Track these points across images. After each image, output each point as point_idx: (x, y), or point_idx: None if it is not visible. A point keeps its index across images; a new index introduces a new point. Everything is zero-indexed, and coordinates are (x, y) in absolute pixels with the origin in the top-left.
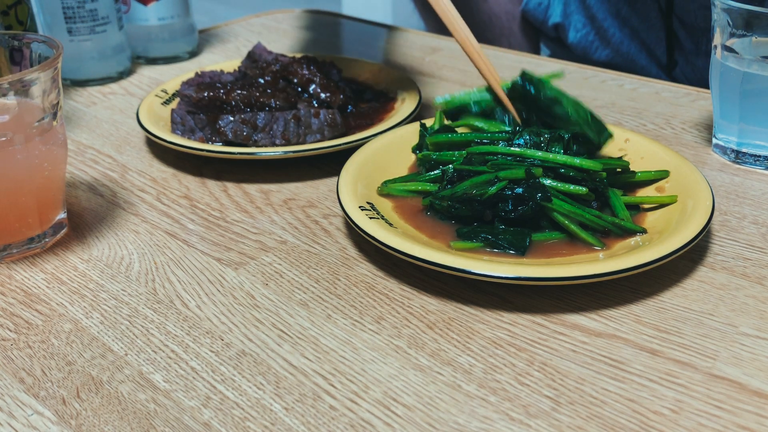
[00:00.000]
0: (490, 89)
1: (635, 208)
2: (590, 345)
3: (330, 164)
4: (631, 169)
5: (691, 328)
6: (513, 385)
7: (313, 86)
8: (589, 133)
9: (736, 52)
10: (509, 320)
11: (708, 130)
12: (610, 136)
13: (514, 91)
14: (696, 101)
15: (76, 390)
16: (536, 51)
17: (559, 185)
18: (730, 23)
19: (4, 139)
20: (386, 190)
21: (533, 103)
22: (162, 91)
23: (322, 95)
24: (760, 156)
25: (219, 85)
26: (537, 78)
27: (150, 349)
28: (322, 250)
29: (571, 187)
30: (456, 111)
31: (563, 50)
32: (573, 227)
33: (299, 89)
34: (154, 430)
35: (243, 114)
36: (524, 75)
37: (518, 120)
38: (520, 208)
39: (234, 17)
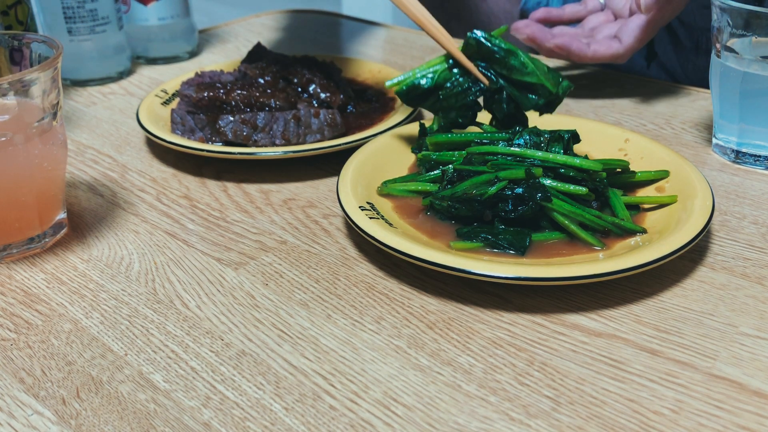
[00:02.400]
0: (448, 56)
1: (635, 208)
2: (590, 345)
3: (330, 164)
4: (631, 169)
5: (691, 328)
6: (513, 385)
7: (313, 86)
8: (546, 83)
9: (736, 52)
10: (509, 320)
11: (708, 130)
12: (569, 86)
13: (469, 48)
14: (696, 101)
15: (76, 390)
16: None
17: (559, 185)
18: (730, 23)
19: (4, 139)
20: (386, 190)
21: (490, 56)
22: (162, 91)
23: (322, 95)
24: (760, 156)
25: (219, 85)
26: (487, 33)
27: (150, 349)
28: (322, 250)
29: (571, 187)
30: (409, 92)
31: None
32: (573, 227)
33: (299, 89)
34: (154, 430)
35: (243, 114)
36: (473, 31)
37: (483, 79)
38: (520, 208)
39: (234, 17)
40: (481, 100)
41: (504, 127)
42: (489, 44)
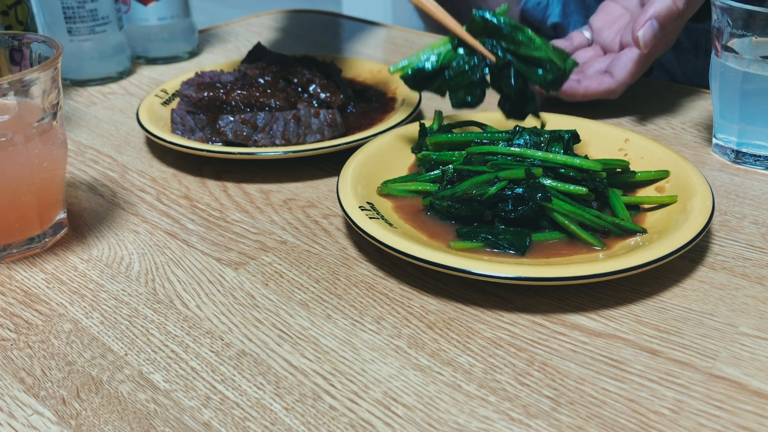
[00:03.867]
0: (452, 37)
1: (635, 208)
2: (590, 345)
3: (330, 164)
4: (631, 169)
5: (691, 328)
6: (513, 385)
7: (313, 86)
8: (554, 58)
9: (736, 52)
10: (509, 320)
11: (708, 130)
12: (574, 63)
13: (474, 25)
14: (696, 101)
15: (76, 390)
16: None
17: (559, 185)
18: (730, 23)
19: (4, 139)
20: (386, 190)
21: (496, 32)
22: (162, 91)
23: (322, 95)
24: (760, 156)
25: (219, 85)
26: (492, 11)
27: (150, 349)
28: (322, 250)
29: (571, 187)
30: (414, 75)
31: None
32: (573, 227)
33: (299, 89)
34: (154, 430)
35: (243, 114)
36: (479, 9)
37: (489, 55)
38: (520, 208)
39: (234, 17)
40: (488, 78)
41: (512, 106)
42: (495, 20)
